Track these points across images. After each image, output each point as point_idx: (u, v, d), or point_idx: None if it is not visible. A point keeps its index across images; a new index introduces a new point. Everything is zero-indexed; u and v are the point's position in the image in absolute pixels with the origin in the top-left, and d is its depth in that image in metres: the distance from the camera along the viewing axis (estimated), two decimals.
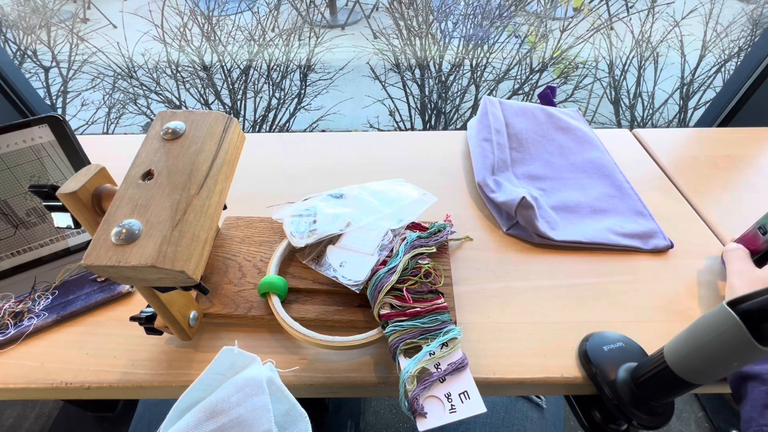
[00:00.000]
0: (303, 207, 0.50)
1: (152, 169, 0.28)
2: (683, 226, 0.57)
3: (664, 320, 0.46)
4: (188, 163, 0.28)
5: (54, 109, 1.65)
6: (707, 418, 1.06)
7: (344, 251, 0.46)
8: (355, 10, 2.34)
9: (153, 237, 0.25)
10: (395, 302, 0.40)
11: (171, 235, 0.25)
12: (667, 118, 1.79)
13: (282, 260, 0.47)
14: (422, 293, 0.41)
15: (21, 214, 0.48)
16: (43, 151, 0.47)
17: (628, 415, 0.37)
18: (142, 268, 0.24)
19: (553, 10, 1.72)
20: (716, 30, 1.63)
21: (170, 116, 0.29)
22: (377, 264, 0.43)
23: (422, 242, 0.47)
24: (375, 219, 0.48)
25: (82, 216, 0.29)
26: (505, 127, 0.67)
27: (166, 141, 0.29)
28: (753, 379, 0.36)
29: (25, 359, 0.42)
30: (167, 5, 1.55)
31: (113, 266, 0.24)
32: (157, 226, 0.25)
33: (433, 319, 0.40)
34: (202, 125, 0.29)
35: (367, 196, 0.51)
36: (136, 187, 0.27)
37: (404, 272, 0.42)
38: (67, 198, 0.28)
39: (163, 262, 0.24)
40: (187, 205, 0.26)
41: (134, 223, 0.25)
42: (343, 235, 0.47)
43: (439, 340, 0.38)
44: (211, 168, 0.28)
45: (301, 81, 1.75)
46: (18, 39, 1.58)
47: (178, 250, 0.25)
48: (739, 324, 0.28)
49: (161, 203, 0.26)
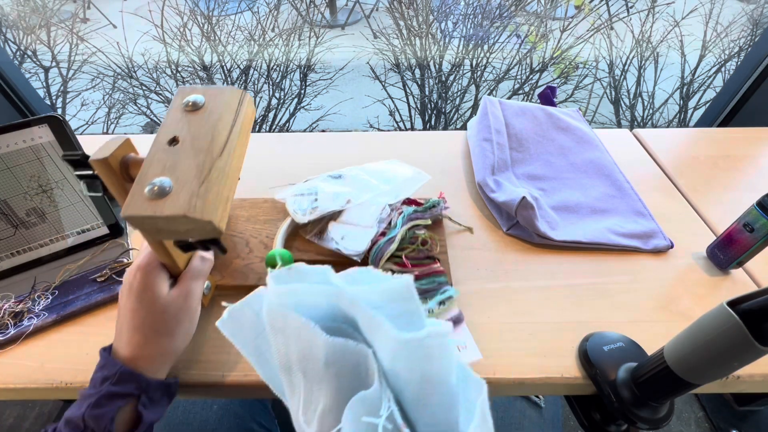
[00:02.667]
0: (304, 187, 0.53)
1: (177, 136, 0.31)
2: (683, 226, 0.57)
3: (664, 320, 0.46)
4: (209, 130, 0.31)
5: (54, 109, 1.65)
6: (707, 418, 1.06)
7: (345, 226, 0.49)
8: (355, 10, 2.34)
9: (182, 192, 0.28)
10: (395, 268, 0.44)
11: (198, 190, 0.28)
12: (667, 118, 1.79)
13: (286, 236, 0.50)
14: (420, 259, 0.45)
15: (21, 214, 0.48)
16: (43, 151, 0.47)
17: (628, 415, 0.36)
18: (174, 218, 0.27)
19: (553, 10, 1.72)
20: (716, 30, 1.63)
21: (190, 91, 0.32)
22: (376, 235, 0.46)
23: (418, 215, 0.50)
24: (373, 195, 0.51)
25: (111, 182, 0.32)
26: (505, 127, 0.67)
27: (187, 112, 0.32)
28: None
29: (24, 359, 0.42)
30: (167, 5, 1.55)
31: (149, 216, 0.27)
32: (185, 184, 0.28)
33: (431, 281, 0.43)
34: (219, 98, 0.32)
35: (364, 176, 0.54)
36: (164, 151, 0.30)
37: (402, 242, 0.45)
38: (99, 164, 0.31)
39: (193, 212, 0.27)
40: (210, 166, 0.29)
41: (165, 180, 0.28)
42: (344, 211, 0.50)
43: (437, 299, 0.42)
44: (230, 135, 0.31)
45: (301, 81, 1.75)
46: (18, 39, 1.58)
47: (206, 204, 0.28)
48: (739, 324, 0.28)
49: (187, 164, 0.29)
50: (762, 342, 0.27)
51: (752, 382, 0.42)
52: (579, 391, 0.43)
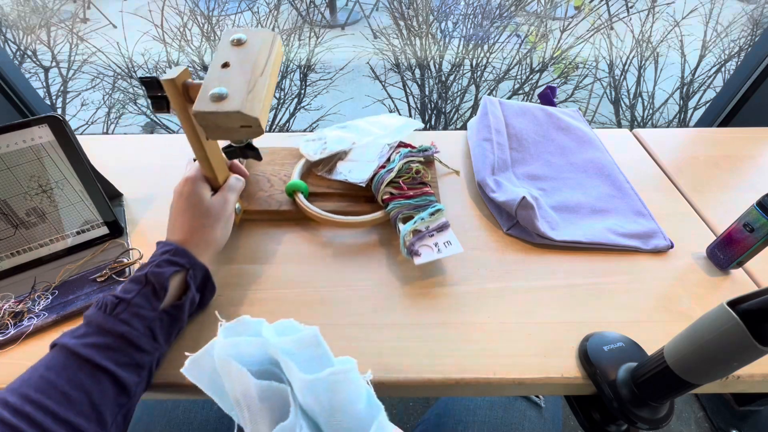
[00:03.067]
0: (314, 135, 0.65)
1: (228, 62, 0.40)
2: (683, 226, 0.57)
3: (664, 320, 0.46)
4: (252, 57, 0.40)
5: (54, 109, 1.65)
6: (707, 418, 1.07)
7: (351, 162, 0.60)
8: (355, 10, 2.34)
9: (236, 97, 0.37)
10: (393, 191, 0.54)
11: (247, 97, 0.37)
12: (667, 118, 1.79)
13: (301, 173, 0.60)
14: (414, 184, 0.55)
15: (21, 214, 0.48)
16: (43, 151, 0.47)
17: (628, 415, 0.37)
18: (230, 114, 0.36)
19: (553, 10, 1.72)
20: (716, 30, 1.63)
21: (234, 31, 0.42)
22: (377, 168, 0.57)
23: (413, 154, 0.60)
24: (374, 138, 0.62)
25: (175, 99, 0.41)
26: (505, 127, 0.67)
27: (234, 46, 0.41)
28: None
29: (24, 359, 0.42)
30: (167, 5, 1.55)
31: (212, 112, 0.37)
32: (237, 92, 0.37)
33: (423, 199, 0.53)
34: (258, 36, 0.42)
35: (365, 125, 0.66)
36: (219, 72, 0.39)
37: (399, 172, 0.56)
38: (168, 83, 0.40)
39: (245, 109, 0.36)
40: (254, 82, 0.39)
41: (222, 89, 0.37)
42: (350, 151, 0.61)
43: (428, 210, 0.51)
44: (267, 61, 0.41)
45: (301, 81, 1.75)
46: (18, 39, 1.58)
47: (254, 105, 0.37)
48: (739, 324, 0.28)
49: (237, 80, 0.38)
50: (762, 342, 0.27)
51: (752, 382, 0.42)
52: (579, 391, 0.43)
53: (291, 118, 1.80)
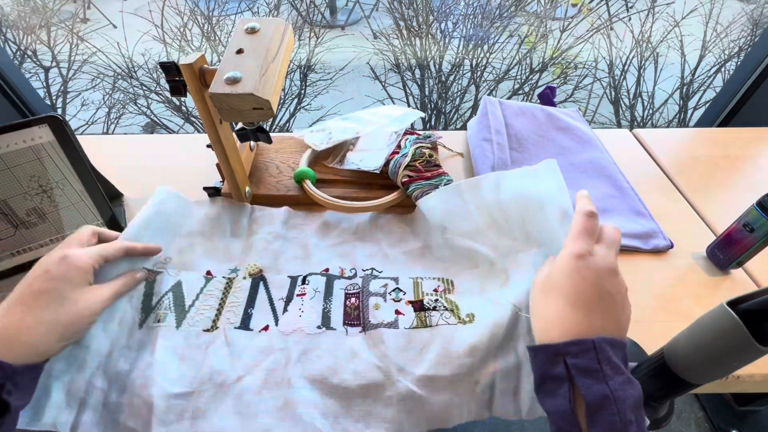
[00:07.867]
0: (319, 126, 0.68)
1: (242, 48, 0.43)
2: (683, 226, 0.57)
3: (664, 320, 0.46)
4: (265, 44, 0.43)
5: (54, 109, 1.65)
6: (707, 418, 1.06)
7: (362, 152, 0.62)
8: (355, 10, 2.34)
9: (249, 80, 0.40)
10: (412, 173, 0.57)
11: (259, 81, 0.40)
12: (667, 118, 1.79)
13: (308, 162, 0.62)
14: (430, 167, 0.59)
15: (21, 214, 0.48)
16: (43, 151, 0.47)
17: None
18: (244, 96, 0.39)
19: (553, 10, 1.72)
20: (716, 30, 1.63)
21: (248, 20, 0.45)
22: (389, 155, 0.60)
23: (420, 141, 0.63)
24: (377, 128, 0.65)
25: (192, 83, 0.43)
26: (505, 127, 0.67)
27: (248, 34, 0.44)
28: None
29: None
30: (167, 5, 1.55)
31: (227, 94, 0.39)
32: (250, 76, 0.40)
33: (439, 180, 0.57)
34: (270, 24, 0.45)
35: (366, 116, 0.68)
36: (233, 57, 0.42)
37: (413, 157, 0.59)
38: (185, 67, 0.42)
39: (258, 92, 0.39)
40: (267, 67, 0.41)
41: (237, 73, 0.40)
42: (358, 141, 0.64)
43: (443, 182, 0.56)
44: (278, 48, 0.44)
45: (301, 81, 1.75)
46: (18, 39, 1.58)
47: (266, 88, 0.40)
48: (739, 324, 0.28)
49: (251, 65, 0.41)
50: (762, 342, 0.27)
51: (752, 382, 0.42)
52: None
53: (291, 118, 1.80)
